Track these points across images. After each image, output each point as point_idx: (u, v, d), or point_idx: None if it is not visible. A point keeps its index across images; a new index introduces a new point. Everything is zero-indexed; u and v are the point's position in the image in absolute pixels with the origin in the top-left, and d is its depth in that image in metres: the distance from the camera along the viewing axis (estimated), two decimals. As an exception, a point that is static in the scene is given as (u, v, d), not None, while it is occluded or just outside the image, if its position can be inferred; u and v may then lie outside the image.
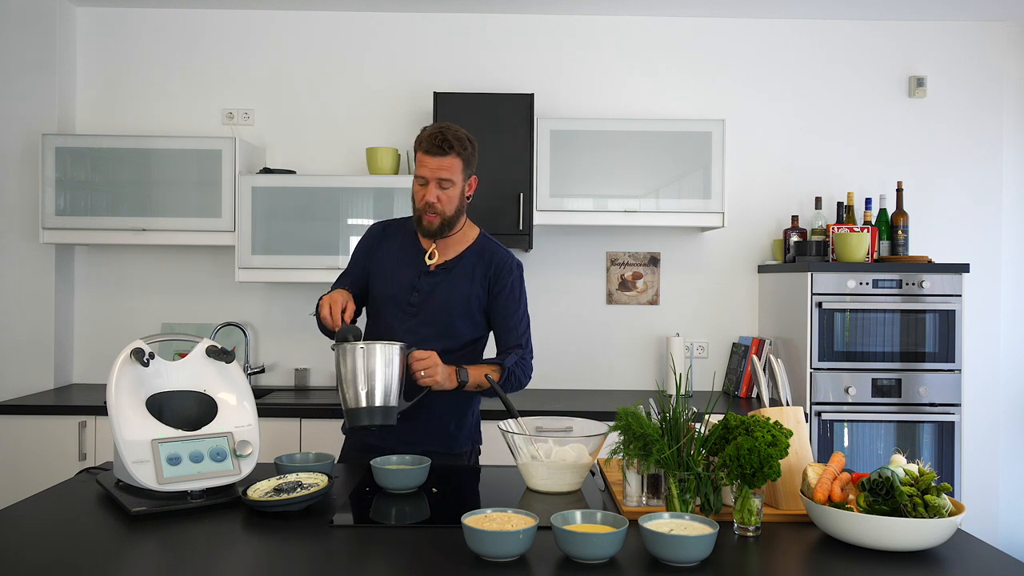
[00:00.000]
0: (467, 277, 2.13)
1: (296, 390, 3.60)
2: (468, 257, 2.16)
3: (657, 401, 1.70)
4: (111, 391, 1.70)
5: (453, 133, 2.06)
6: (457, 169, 2.06)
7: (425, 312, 2.11)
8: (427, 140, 2.05)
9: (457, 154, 2.05)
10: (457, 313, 2.11)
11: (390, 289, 2.15)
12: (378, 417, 1.88)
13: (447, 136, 2.04)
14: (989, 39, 3.74)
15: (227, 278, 3.69)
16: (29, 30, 3.51)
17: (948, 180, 3.74)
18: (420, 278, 2.13)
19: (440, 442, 2.14)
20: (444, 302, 2.11)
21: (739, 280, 3.77)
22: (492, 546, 1.34)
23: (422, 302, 2.12)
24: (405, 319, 2.11)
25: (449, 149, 2.03)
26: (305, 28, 3.72)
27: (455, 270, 2.14)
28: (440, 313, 2.11)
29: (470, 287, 2.13)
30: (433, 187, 2.06)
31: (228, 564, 1.42)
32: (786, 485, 1.64)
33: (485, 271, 2.14)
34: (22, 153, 3.52)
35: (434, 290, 2.12)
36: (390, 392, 1.89)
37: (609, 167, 3.37)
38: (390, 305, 2.14)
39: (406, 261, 2.16)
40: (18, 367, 3.51)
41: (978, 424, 3.69)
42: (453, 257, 2.16)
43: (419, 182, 2.08)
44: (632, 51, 3.74)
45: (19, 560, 1.39)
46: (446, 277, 2.13)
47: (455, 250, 2.16)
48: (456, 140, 2.05)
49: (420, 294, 2.12)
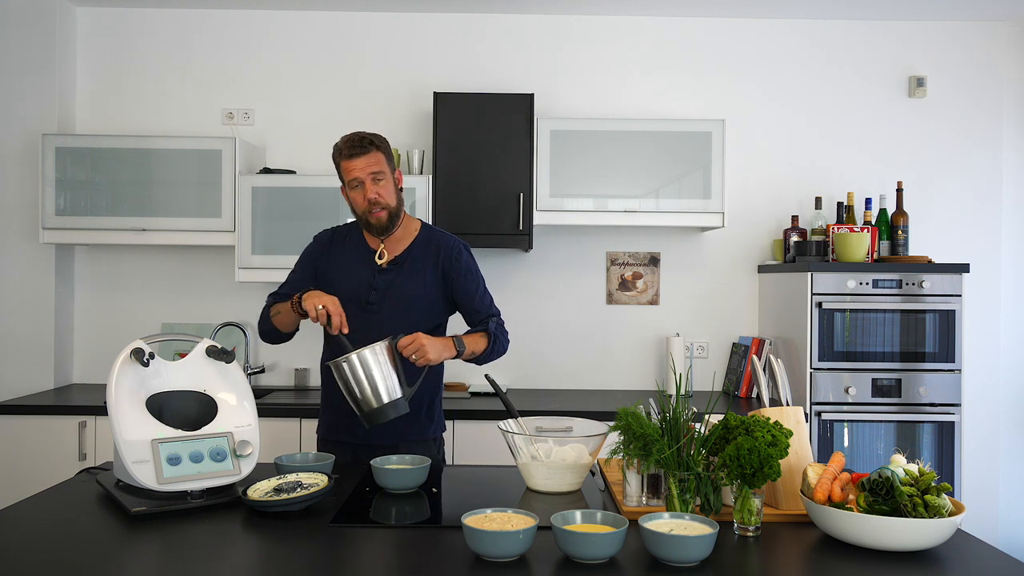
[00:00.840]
0: (420, 268, 2.21)
1: (296, 390, 3.60)
2: (416, 248, 2.24)
3: (657, 401, 1.70)
4: (111, 391, 1.70)
5: (365, 133, 2.17)
6: (382, 162, 2.16)
7: (385, 308, 2.17)
8: (345, 147, 2.15)
9: (377, 148, 2.15)
10: (416, 304, 2.19)
11: (348, 290, 2.18)
12: (391, 412, 1.96)
13: (363, 136, 2.15)
14: (989, 39, 3.74)
15: (227, 278, 3.69)
16: (29, 30, 3.51)
17: (948, 180, 3.74)
18: (375, 276, 2.20)
19: (413, 430, 2.21)
20: (402, 295, 2.18)
21: (739, 280, 3.77)
22: (492, 546, 1.34)
23: (381, 299, 2.18)
24: (366, 317, 2.15)
25: (369, 145, 2.13)
26: (305, 28, 3.73)
27: (406, 263, 2.21)
28: (400, 307, 2.17)
29: (424, 277, 2.20)
30: (370, 184, 2.13)
31: (228, 564, 1.42)
32: (786, 485, 1.64)
33: (435, 259, 2.22)
34: (22, 153, 3.52)
35: (390, 286, 2.19)
36: (393, 387, 1.96)
37: (609, 167, 3.37)
38: (349, 305, 2.15)
39: (358, 262, 2.23)
40: (18, 367, 3.51)
41: (978, 424, 3.69)
42: (402, 251, 2.23)
43: (353, 186, 2.15)
44: (632, 51, 3.74)
45: (19, 560, 1.39)
46: (400, 271, 2.20)
47: (402, 244, 2.24)
48: (372, 136, 2.16)
49: (378, 292, 2.18)
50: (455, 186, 3.34)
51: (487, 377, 2.10)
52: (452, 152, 3.35)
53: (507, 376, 3.73)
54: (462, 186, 3.33)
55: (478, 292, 2.25)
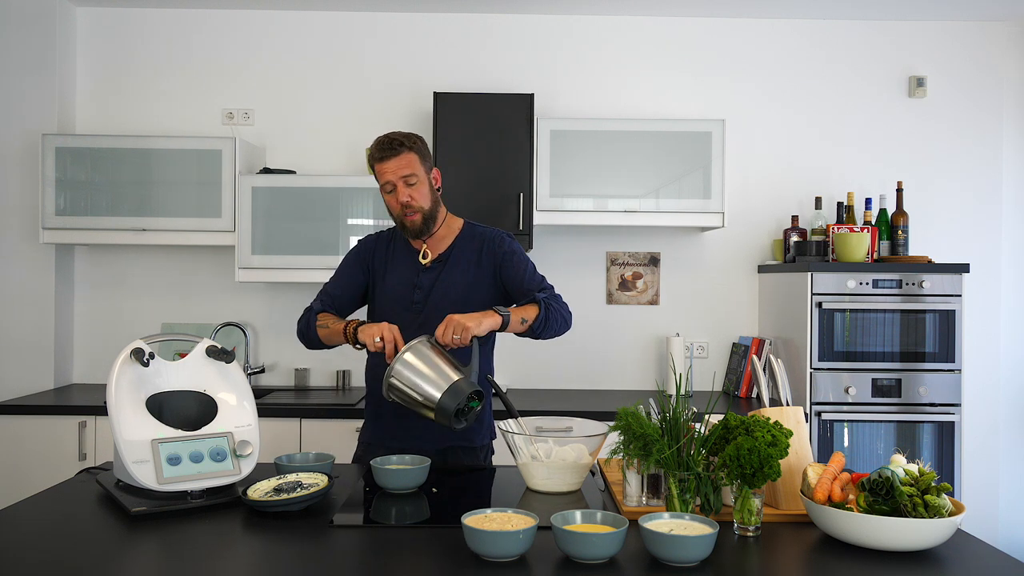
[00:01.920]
0: (464, 264, 2.17)
1: (296, 390, 3.60)
2: (460, 246, 2.20)
3: (657, 401, 1.70)
4: (111, 391, 1.70)
5: (397, 134, 2.11)
6: (416, 163, 2.10)
7: (429, 307, 2.13)
8: (377, 149, 2.10)
9: (409, 149, 2.09)
10: (462, 299, 2.13)
11: (393, 291, 2.17)
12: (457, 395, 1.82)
13: (393, 137, 2.09)
14: (989, 39, 3.74)
15: (227, 278, 3.69)
16: (29, 30, 3.51)
17: (948, 180, 3.74)
18: (419, 275, 2.17)
19: (462, 434, 2.14)
20: (447, 293, 2.14)
21: (739, 280, 3.77)
22: (492, 546, 1.34)
23: (425, 298, 2.14)
24: (411, 317, 2.13)
25: (400, 147, 2.08)
26: (305, 28, 3.73)
27: (451, 260, 2.18)
28: (445, 305, 2.11)
29: (470, 273, 2.16)
30: (402, 188, 2.09)
31: (228, 564, 1.42)
32: (786, 485, 1.64)
33: (479, 251, 2.18)
34: (22, 153, 3.52)
35: (435, 284, 2.15)
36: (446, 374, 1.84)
37: (609, 167, 3.37)
38: (395, 306, 2.15)
39: (402, 263, 2.20)
40: (18, 367, 3.51)
41: (978, 424, 3.69)
42: (445, 249, 2.20)
43: (387, 190, 2.11)
44: (632, 51, 3.74)
45: (19, 560, 1.39)
46: (444, 269, 2.17)
47: (445, 243, 2.20)
48: (403, 137, 2.10)
49: (422, 290, 2.15)
50: (455, 186, 3.34)
51: (487, 377, 2.09)
52: (452, 152, 3.35)
53: (507, 376, 3.73)
54: (462, 186, 3.33)
55: (527, 272, 2.15)
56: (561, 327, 2.09)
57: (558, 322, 2.07)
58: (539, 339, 2.08)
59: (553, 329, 2.06)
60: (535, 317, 2.02)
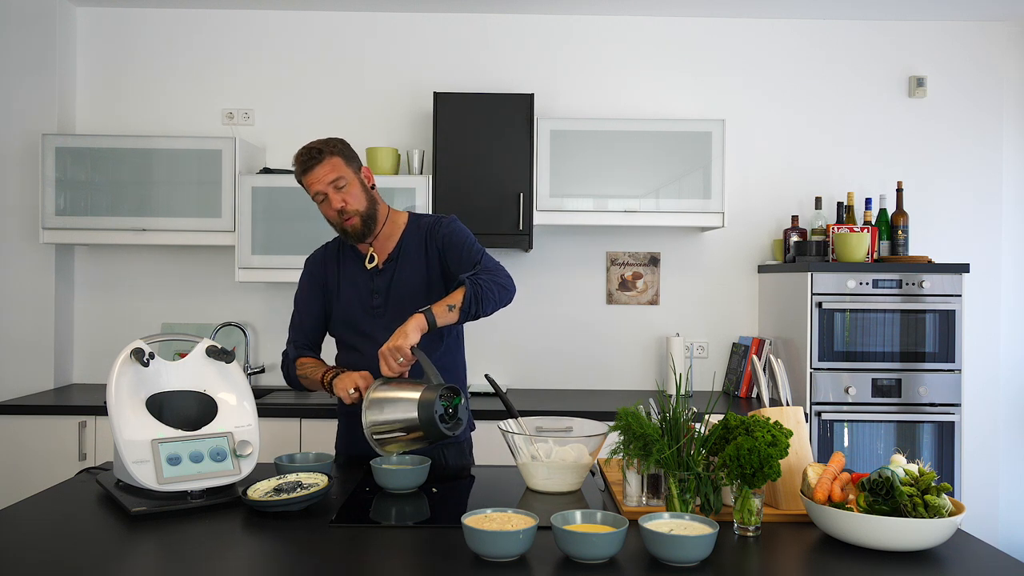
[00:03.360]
0: (414, 259, 2.13)
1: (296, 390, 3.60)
2: (407, 241, 2.15)
3: (657, 401, 1.70)
4: (111, 391, 1.70)
5: (315, 143, 2.07)
6: (341, 166, 2.05)
7: (390, 309, 2.10)
8: (298, 163, 2.05)
9: (331, 154, 2.05)
10: (420, 295, 2.10)
11: (351, 300, 2.15)
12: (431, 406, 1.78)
13: (312, 147, 2.05)
14: (989, 39, 3.74)
15: (227, 278, 3.69)
16: (29, 30, 3.51)
17: (948, 180, 3.74)
18: (373, 280, 2.14)
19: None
20: (404, 292, 2.11)
21: (739, 280, 3.77)
22: (492, 546, 1.34)
23: (384, 301, 2.12)
24: (374, 322, 2.11)
25: (319, 155, 2.04)
26: (305, 28, 3.73)
27: (400, 258, 2.14)
28: (405, 303, 2.09)
29: (423, 268, 2.12)
30: (333, 194, 2.04)
31: (228, 564, 1.42)
32: (786, 485, 1.64)
33: (424, 242, 2.13)
34: (22, 153, 3.52)
35: (390, 284, 2.12)
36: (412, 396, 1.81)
37: (609, 167, 3.37)
38: (356, 315, 2.13)
39: (354, 271, 2.17)
40: (18, 367, 3.51)
41: (978, 424, 3.69)
42: (393, 248, 2.16)
43: (319, 200, 2.07)
44: (632, 51, 3.74)
45: (19, 560, 1.39)
46: (396, 268, 2.13)
47: (392, 241, 2.16)
48: (322, 144, 2.05)
49: (379, 295, 2.13)
50: (455, 186, 3.34)
51: (487, 377, 2.09)
52: (452, 152, 3.35)
53: (507, 376, 3.73)
54: (462, 186, 3.33)
55: (464, 253, 2.06)
56: (501, 296, 1.96)
57: (493, 293, 1.94)
58: (482, 317, 1.95)
59: (490, 303, 1.93)
60: (462, 298, 1.90)
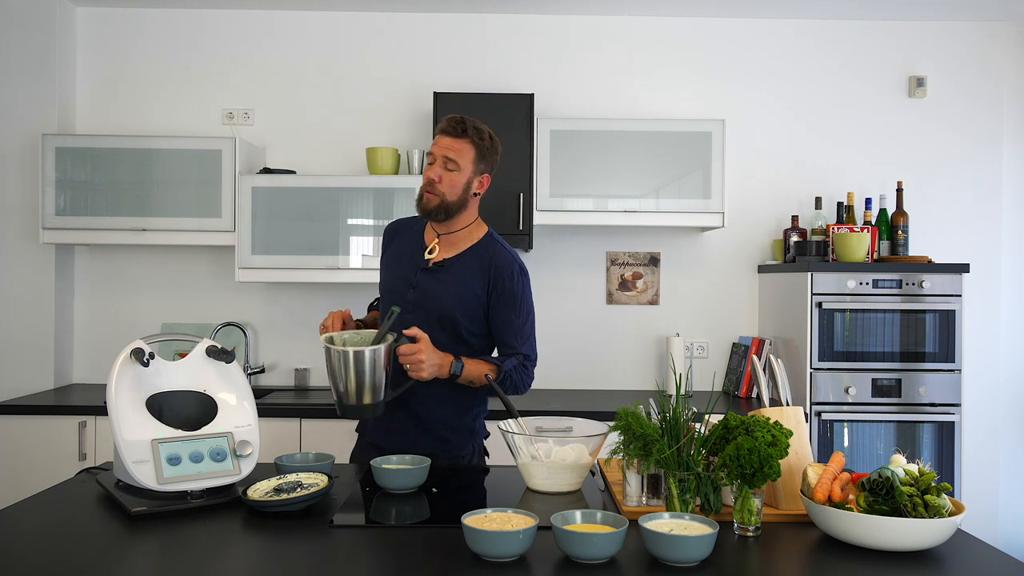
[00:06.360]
0: (464, 278, 2.09)
1: (296, 390, 3.60)
2: (467, 257, 2.11)
3: (657, 401, 1.70)
4: (111, 391, 1.69)
5: (474, 122, 2.06)
6: (467, 155, 2.04)
7: (422, 310, 2.08)
8: (446, 121, 2.05)
9: (470, 140, 2.04)
10: (455, 312, 2.08)
11: (394, 280, 2.15)
12: (368, 413, 1.94)
13: (466, 121, 2.04)
14: (989, 39, 3.74)
15: (227, 278, 3.69)
16: (29, 30, 3.51)
17: (948, 180, 3.74)
18: (417, 274, 2.12)
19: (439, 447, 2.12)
20: (439, 301, 2.08)
21: (739, 280, 3.77)
22: (492, 546, 1.34)
23: (418, 299, 2.09)
24: (405, 315, 2.09)
25: (463, 132, 2.03)
26: (305, 28, 3.73)
27: (452, 269, 2.10)
28: (436, 311, 2.07)
29: (467, 288, 2.08)
30: (438, 165, 2.04)
31: (228, 564, 1.42)
32: (786, 485, 1.63)
33: (484, 273, 2.09)
34: (22, 153, 3.52)
35: (429, 288, 2.10)
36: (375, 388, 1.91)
37: (609, 167, 3.37)
38: (393, 295, 2.14)
39: (408, 257, 2.15)
40: (18, 367, 3.51)
41: (978, 424, 3.69)
42: (453, 255, 2.12)
43: (429, 161, 2.07)
44: (632, 51, 3.74)
45: (19, 560, 1.39)
46: (442, 276, 2.10)
47: (457, 248, 2.13)
48: (473, 128, 2.04)
49: (416, 291, 2.10)
50: (455, 186, 3.34)
51: (487, 377, 2.09)
52: (452, 152, 3.35)
53: (507, 376, 3.72)
54: (462, 186, 3.33)
55: (514, 323, 2.07)
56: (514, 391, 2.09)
57: (510, 388, 2.07)
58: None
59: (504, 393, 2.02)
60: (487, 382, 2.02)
